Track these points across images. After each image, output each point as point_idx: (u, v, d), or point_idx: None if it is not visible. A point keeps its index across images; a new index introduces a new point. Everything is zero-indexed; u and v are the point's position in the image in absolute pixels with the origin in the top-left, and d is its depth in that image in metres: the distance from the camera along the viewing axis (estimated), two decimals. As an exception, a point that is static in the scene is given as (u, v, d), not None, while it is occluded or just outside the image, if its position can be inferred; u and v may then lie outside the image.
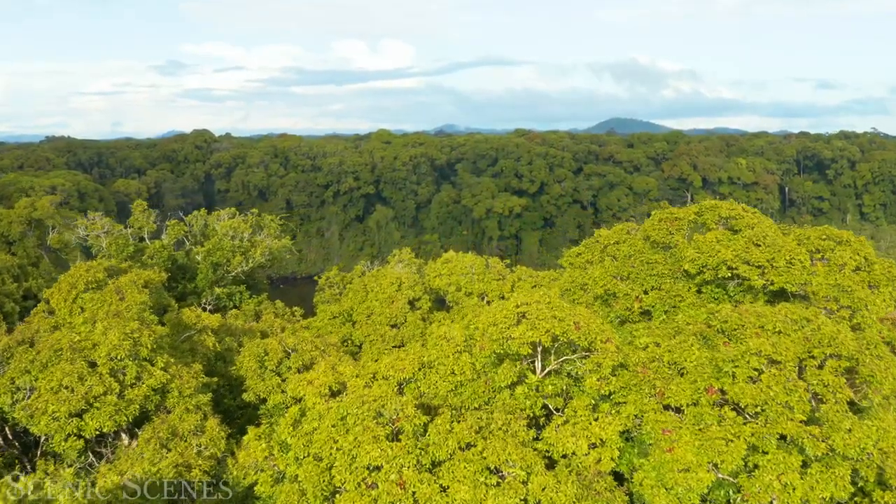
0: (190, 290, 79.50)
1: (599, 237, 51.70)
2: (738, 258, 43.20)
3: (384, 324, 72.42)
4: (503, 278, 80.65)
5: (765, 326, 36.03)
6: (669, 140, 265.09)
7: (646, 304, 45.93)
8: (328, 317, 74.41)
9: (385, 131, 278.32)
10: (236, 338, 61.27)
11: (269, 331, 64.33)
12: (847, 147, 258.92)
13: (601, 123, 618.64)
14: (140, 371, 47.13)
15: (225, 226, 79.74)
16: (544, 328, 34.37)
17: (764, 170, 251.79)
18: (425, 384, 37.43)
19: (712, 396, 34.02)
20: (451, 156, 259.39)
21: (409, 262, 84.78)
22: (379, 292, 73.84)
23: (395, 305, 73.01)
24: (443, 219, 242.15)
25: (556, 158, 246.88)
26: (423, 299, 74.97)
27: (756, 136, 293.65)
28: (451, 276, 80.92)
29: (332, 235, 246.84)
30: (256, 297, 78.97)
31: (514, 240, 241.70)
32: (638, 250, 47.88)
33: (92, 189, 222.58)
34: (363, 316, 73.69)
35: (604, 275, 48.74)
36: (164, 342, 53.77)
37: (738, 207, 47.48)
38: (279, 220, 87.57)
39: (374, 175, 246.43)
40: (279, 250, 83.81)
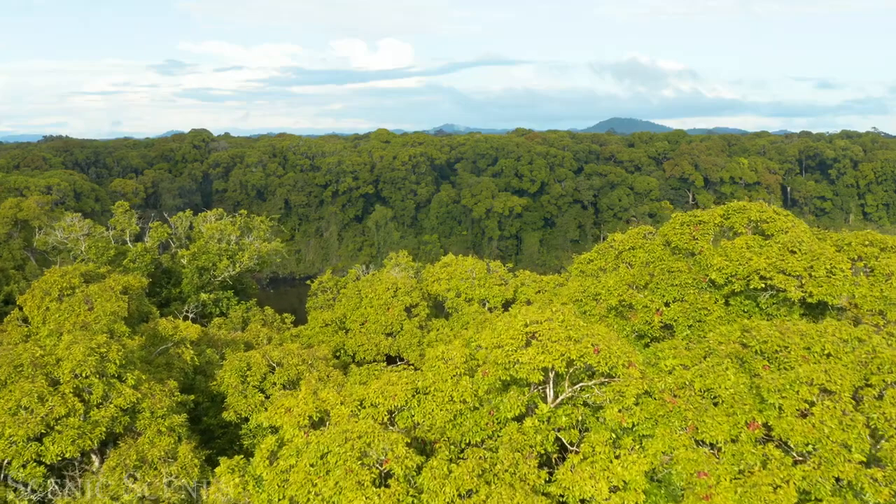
0: (175, 296, 74.24)
1: (613, 242, 46.37)
2: (773, 267, 37.87)
3: (379, 332, 67.14)
4: (505, 283, 75.32)
5: (811, 348, 30.71)
6: (671, 139, 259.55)
7: (667, 317, 40.61)
8: (320, 324, 69.09)
9: (384, 131, 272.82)
10: (218, 350, 56.02)
11: (255, 341, 59.07)
12: (849, 146, 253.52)
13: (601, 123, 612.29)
14: (107, 390, 42.07)
15: (211, 228, 74.33)
16: (558, 352, 29.08)
17: (766, 169, 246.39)
18: (420, 413, 32.09)
19: (755, 432, 28.73)
20: (450, 155, 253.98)
21: (406, 266, 79.47)
22: (374, 299, 68.53)
23: (390, 313, 67.74)
24: (442, 219, 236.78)
25: (557, 158, 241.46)
26: (421, 306, 69.72)
27: (758, 135, 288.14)
28: (451, 280, 75.59)
29: (330, 235, 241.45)
30: (244, 304, 73.68)
31: (515, 240, 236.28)
32: (657, 257, 42.53)
33: (88, 189, 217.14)
34: (357, 324, 68.41)
35: (619, 284, 43.43)
36: (136, 356, 48.66)
37: (769, 210, 42.14)
38: (269, 222, 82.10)
39: (373, 175, 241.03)
40: (269, 253, 78.37)
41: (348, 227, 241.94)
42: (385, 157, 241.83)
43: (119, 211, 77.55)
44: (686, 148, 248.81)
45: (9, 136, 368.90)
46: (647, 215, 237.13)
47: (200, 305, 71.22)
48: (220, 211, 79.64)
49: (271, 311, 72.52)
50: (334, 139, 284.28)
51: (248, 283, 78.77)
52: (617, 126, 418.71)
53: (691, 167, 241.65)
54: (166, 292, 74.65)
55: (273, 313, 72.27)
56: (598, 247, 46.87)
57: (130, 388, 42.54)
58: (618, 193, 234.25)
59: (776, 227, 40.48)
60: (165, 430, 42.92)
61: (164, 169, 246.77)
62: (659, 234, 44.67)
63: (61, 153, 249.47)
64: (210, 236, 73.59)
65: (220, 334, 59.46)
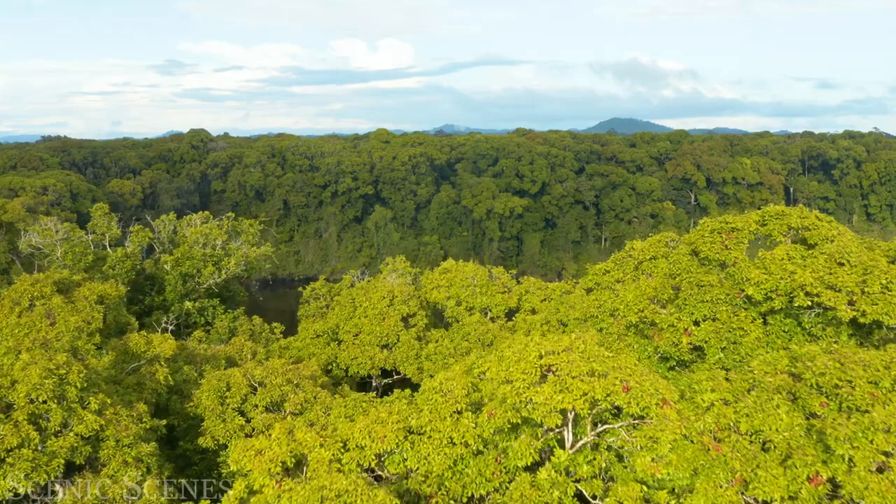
0: (158, 304, 68.89)
1: (632, 251, 40.89)
2: (820, 282, 32.45)
3: (374, 344, 61.78)
4: (508, 291, 69.96)
5: (879, 383, 25.33)
6: (673, 139, 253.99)
7: (697, 338, 35.19)
8: (311, 335, 63.73)
9: (384, 131, 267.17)
10: (197, 366, 50.61)
11: (238, 357, 53.70)
12: (853, 147, 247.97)
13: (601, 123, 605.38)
14: (67, 416, 36.81)
15: (195, 232, 68.87)
16: (579, 390, 23.67)
17: (769, 170, 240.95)
18: (413, 457, 26.71)
19: (818, 489, 23.34)
20: (450, 155, 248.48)
21: (403, 272, 74.07)
22: (368, 308, 63.14)
23: (386, 323, 62.37)
24: (442, 219, 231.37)
25: (558, 158, 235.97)
26: (419, 315, 64.36)
27: (760, 135, 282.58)
28: (451, 287, 70.23)
29: (329, 236, 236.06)
30: (231, 312, 68.29)
31: (516, 241, 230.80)
32: (684, 268, 37.05)
33: (85, 189, 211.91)
34: (350, 335, 63.07)
35: (639, 298, 38.04)
36: (103, 377, 43.41)
37: (810, 215, 36.68)
38: (259, 225, 76.57)
39: (372, 175, 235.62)
40: (258, 259, 72.89)
41: (348, 228, 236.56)
42: (385, 157, 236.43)
43: (98, 214, 72.06)
44: (688, 148, 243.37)
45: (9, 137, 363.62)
46: (649, 216, 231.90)
47: (184, 314, 65.86)
48: (206, 214, 74.11)
49: (259, 321, 67.08)
50: (334, 139, 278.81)
51: (236, 290, 73.29)
52: (617, 126, 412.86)
53: (693, 167, 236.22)
54: (149, 300, 69.30)
55: (261, 323, 66.83)
56: (615, 256, 41.49)
57: (93, 413, 37.40)
58: (619, 194, 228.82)
59: (820, 234, 35.09)
60: (132, 460, 37.79)
61: (162, 169, 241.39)
62: (684, 241, 39.29)
63: (58, 153, 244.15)
64: (194, 241, 68.18)
65: (200, 349, 54.06)
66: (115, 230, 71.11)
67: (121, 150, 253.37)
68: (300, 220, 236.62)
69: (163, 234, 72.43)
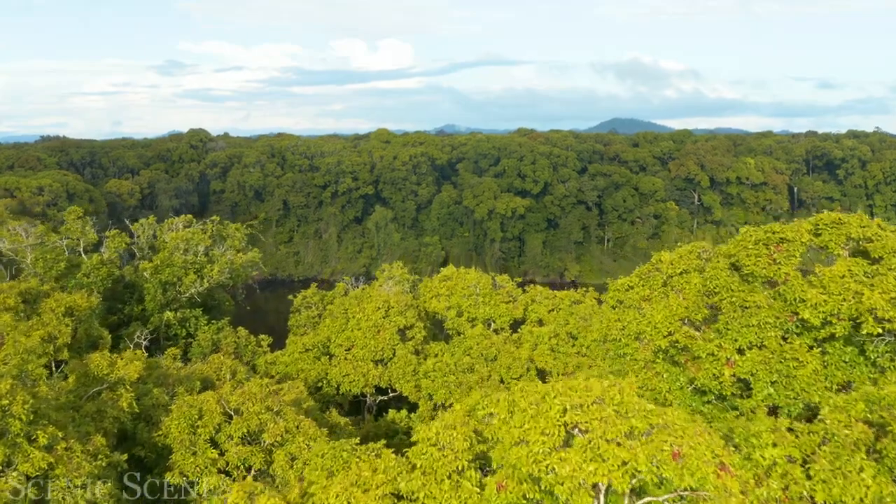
0: (137, 314, 63.11)
1: (660, 263, 34.92)
2: (893, 305, 26.61)
3: (367, 359, 55.96)
4: (514, 300, 64.10)
5: None
6: (676, 139, 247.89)
7: (742, 369, 29.31)
8: (299, 350, 57.90)
9: (384, 130, 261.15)
10: (169, 389, 44.80)
11: (216, 377, 47.86)
12: (857, 146, 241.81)
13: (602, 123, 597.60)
14: (10, 453, 31.32)
15: (175, 238, 62.99)
16: (617, 459, 17.81)
17: (773, 169, 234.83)
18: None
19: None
20: (452, 155, 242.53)
21: (400, 279, 68.19)
22: (362, 319, 57.31)
23: (381, 336, 56.55)
24: (444, 220, 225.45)
25: (560, 158, 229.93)
26: (417, 327, 58.55)
27: (763, 135, 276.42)
28: (451, 296, 64.39)
29: (329, 237, 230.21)
30: (215, 323, 62.49)
31: (518, 241, 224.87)
32: (723, 286, 31.11)
33: (82, 189, 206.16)
34: (342, 349, 57.26)
35: (668, 319, 32.15)
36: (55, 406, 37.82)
37: (872, 224, 30.69)
38: (245, 229, 70.57)
39: (373, 175, 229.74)
40: (244, 266, 66.99)
41: (348, 229, 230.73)
42: (385, 157, 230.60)
43: (71, 217, 66.14)
44: (691, 148, 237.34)
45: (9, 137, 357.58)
46: (652, 216, 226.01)
47: (164, 326, 60.09)
48: (188, 218, 68.19)
49: (245, 333, 61.24)
50: (334, 139, 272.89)
51: (221, 298, 67.38)
52: (618, 126, 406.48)
53: (697, 167, 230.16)
54: (129, 309, 63.54)
55: (247, 335, 60.99)
56: (640, 270, 35.57)
57: (41, 450, 31.90)
58: (622, 194, 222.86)
59: (885, 247, 29.20)
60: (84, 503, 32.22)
61: (160, 169, 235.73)
62: (720, 253, 33.41)
63: (56, 153, 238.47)
64: (174, 247, 62.38)
65: (173, 368, 48.22)
66: (92, 234, 65.28)
67: (119, 149, 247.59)
68: (300, 220, 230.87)
69: (142, 239, 66.63)
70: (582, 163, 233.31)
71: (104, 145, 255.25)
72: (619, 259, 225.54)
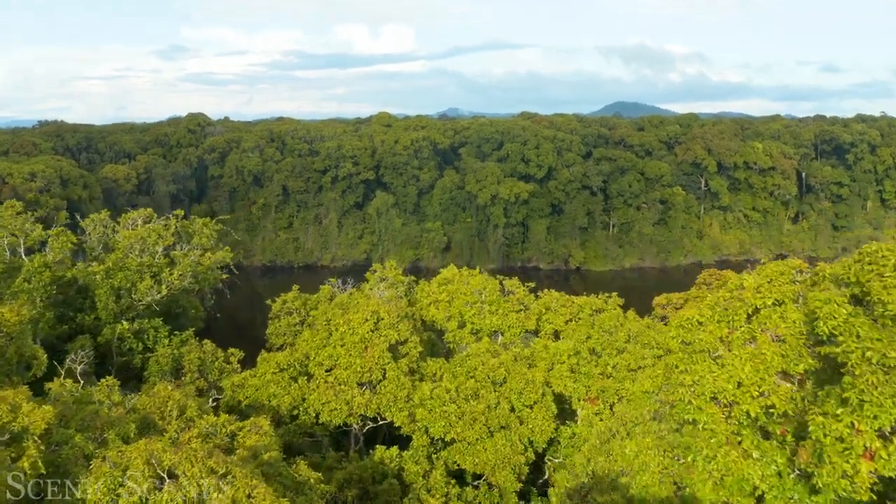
0: (90, 325, 52.69)
1: (742, 291, 24.15)
2: None
3: (353, 382, 45.48)
4: (525, 309, 53.44)
5: None
6: (682, 123, 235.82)
7: (890, 466, 18.80)
8: (272, 369, 47.31)
9: (386, 114, 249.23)
10: (96, 435, 34.44)
11: (160, 414, 37.46)
12: (867, 131, 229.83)
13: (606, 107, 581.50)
14: None
15: (129, 237, 52.36)
16: None
17: (781, 154, 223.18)
18: None
19: None
20: (454, 140, 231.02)
21: (394, 281, 57.67)
22: (347, 333, 46.66)
23: (369, 354, 46.01)
24: (446, 205, 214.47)
25: (565, 142, 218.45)
26: (412, 342, 48.03)
27: (771, 119, 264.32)
28: (452, 303, 53.82)
29: (330, 223, 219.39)
30: (178, 335, 52.01)
31: (521, 227, 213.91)
32: (845, 329, 20.51)
33: (76, 175, 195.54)
34: (322, 369, 46.80)
35: (760, 373, 21.60)
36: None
37: None
38: (216, 225, 59.64)
39: (374, 160, 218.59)
40: (211, 268, 56.26)
41: (348, 214, 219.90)
42: (386, 141, 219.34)
43: (8, 213, 55.29)
44: (698, 132, 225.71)
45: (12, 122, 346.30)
46: (658, 202, 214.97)
47: (117, 339, 49.69)
48: (148, 211, 57.31)
49: (212, 347, 50.66)
50: (334, 123, 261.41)
51: (187, 305, 56.61)
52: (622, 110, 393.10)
53: (704, 152, 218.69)
54: (81, 318, 53.16)
55: (214, 350, 50.46)
56: (714, 298, 24.61)
57: None
58: (628, 179, 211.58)
59: None
60: None
61: (158, 154, 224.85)
62: (827, 276, 22.88)
63: (52, 138, 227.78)
64: (128, 247, 51.83)
65: (107, 403, 37.77)
66: (38, 232, 54.69)
67: (116, 134, 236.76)
68: (299, 205, 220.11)
69: (92, 237, 56.00)
70: (587, 147, 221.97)
71: (101, 130, 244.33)
72: (625, 245, 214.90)
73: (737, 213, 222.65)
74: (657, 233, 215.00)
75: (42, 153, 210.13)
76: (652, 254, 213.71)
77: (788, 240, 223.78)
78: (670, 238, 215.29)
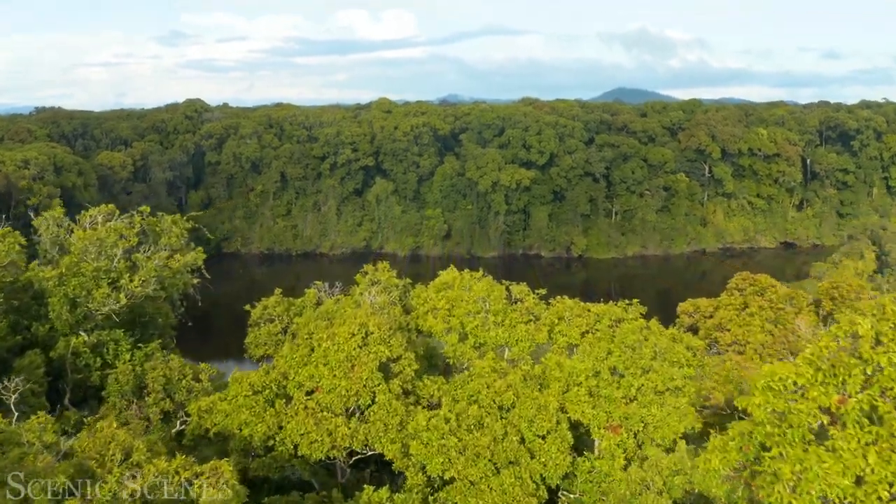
0: (44, 336, 45.58)
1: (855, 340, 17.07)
2: None
3: (337, 408, 38.35)
4: (535, 319, 46.20)
5: None
6: (685, 109, 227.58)
7: None
8: (245, 391, 40.10)
9: (385, 100, 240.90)
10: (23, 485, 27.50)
11: (99, 461, 30.37)
12: (872, 117, 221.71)
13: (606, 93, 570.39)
14: None
15: (84, 238, 45.09)
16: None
17: (786, 140, 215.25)
18: None
19: None
20: (455, 126, 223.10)
21: (386, 286, 50.50)
22: (331, 350, 39.44)
23: (356, 374, 38.80)
24: (446, 192, 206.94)
25: (567, 128, 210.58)
26: (406, 359, 40.80)
27: (774, 105, 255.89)
28: (453, 312, 46.57)
29: (328, 210, 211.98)
30: (143, 348, 44.89)
31: (522, 214, 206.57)
32: None
33: (71, 162, 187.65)
34: (302, 392, 39.70)
35: (890, 465, 14.52)
36: None
37: None
38: (188, 223, 52.08)
39: (373, 146, 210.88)
40: (179, 273, 48.92)
41: (347, 201, 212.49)
42: (386, 127, 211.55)
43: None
44: (702, 118, 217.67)
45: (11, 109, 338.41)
46: (661, 189, 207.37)
47: (71, 354, 42.63)
48: (110, 208, 49.87)
49: (179, 364, 43.58)
50: (333, 109, 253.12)
51: (155, 312, 49.15)
52: (622, 96, 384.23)
53: (708, 138, 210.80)
54: (36, 328, 46.10)
55: (180, 368, 43.32)
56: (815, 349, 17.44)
57: None
58: (631, 166, 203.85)
59: None
60: None
61: (154, 141, 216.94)
62: None
63: (48, 125, 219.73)
64: (83, 250, 44.66)
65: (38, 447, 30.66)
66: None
67: (113, 120, 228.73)
68: (298, 192, 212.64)
69: (45, 238, 48.73)
70: (589, 133, 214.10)
71: (98, 116, 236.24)
72: (628, 233, 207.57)
73: (741, 200, 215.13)
74: (660, 220, 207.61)
75: (37, 140, 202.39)
76: (655, 241, 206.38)
77: (793, 227, 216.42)
78: (673, 225, 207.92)
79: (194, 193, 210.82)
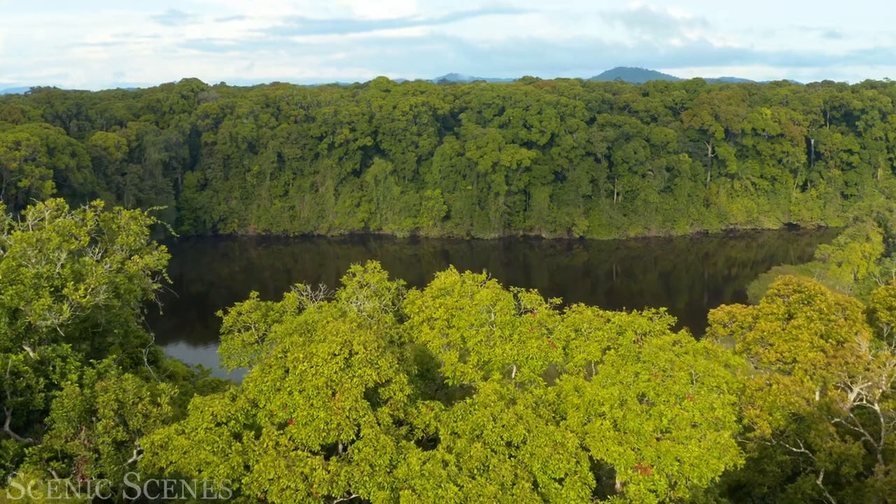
0: (-18, 349, 38.38)
1: None
2: None
3: (314, 445, 31.34)
4: (548, 333, 38.96)
5: None
6: (688, 88, 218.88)
7: None
8: (207, 423, 33.03)
9: (384, 79, 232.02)
10: None
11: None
12: (877, 97, 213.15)
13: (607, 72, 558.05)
14: None
15: (22, 239, 37.85)
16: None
17: (790, 120, 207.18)
18: None
19: None
20: (454, 105, 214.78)
21: (378, 289, 43.36)
22: (308, 372, 32.34)
23: (337, 403, 31.70)
24: (446, 173, 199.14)
25: (568, 107, 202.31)
26: (397, 382, 33.45)
27: (778, 84, 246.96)
28: (452, 322, 39.41)
29: (326, 191, 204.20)
30: (96, 365, 37.73)
31: (523, 195, 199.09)
32: None
33: (63, 143, 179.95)
34: (274, 424, 32.66)
35: None
36: None
37: None
38: (149, 219, 44.40)
39: (371, 126, 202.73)
40: (137, 277, 41.58)
41: (345, 182, 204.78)
42: (385, 106, 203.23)
43: None
44: (705, 97, 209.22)
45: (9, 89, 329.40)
46: (664, 169, 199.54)
47: (10, 375, 35.54)
48: (59, 202, 42.34)
49: (135, 384, 36.63)
50: (331, 88, 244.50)
51: (113, 319, 41.90)
52: (623, 75, 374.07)
53: (711, 118, 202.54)
54: (-25, 339, 38.98)
55: (136, 389, 36.33)
56: None
57: None
58: (633, 146, 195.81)
59: None
60: None
61: (150, 121, 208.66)
62: None
63: (42, 105, 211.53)
64: (22, 254, 37.46)
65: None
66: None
67: (108, 101, 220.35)
68: (295, 173, 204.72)
69: (-19, 238, 41.43)
70: (590, 112, 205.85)
71: (92, 97, 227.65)
72: (630, 214, 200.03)
73: (744, 180, 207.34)
74: (663, 201, 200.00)
75: (31, 121, 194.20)
76: (657, 222, 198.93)
77: (797, 208, 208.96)
78: (676, 206, 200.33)
79: (190, 174, 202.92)
